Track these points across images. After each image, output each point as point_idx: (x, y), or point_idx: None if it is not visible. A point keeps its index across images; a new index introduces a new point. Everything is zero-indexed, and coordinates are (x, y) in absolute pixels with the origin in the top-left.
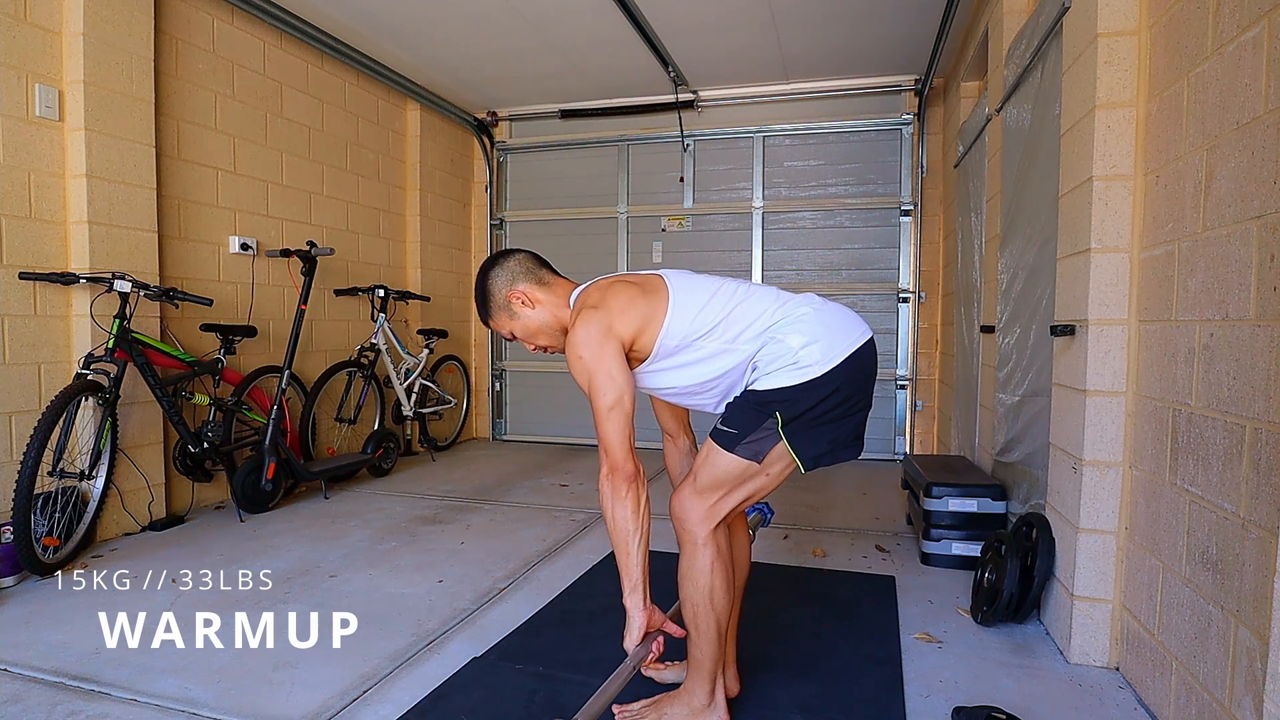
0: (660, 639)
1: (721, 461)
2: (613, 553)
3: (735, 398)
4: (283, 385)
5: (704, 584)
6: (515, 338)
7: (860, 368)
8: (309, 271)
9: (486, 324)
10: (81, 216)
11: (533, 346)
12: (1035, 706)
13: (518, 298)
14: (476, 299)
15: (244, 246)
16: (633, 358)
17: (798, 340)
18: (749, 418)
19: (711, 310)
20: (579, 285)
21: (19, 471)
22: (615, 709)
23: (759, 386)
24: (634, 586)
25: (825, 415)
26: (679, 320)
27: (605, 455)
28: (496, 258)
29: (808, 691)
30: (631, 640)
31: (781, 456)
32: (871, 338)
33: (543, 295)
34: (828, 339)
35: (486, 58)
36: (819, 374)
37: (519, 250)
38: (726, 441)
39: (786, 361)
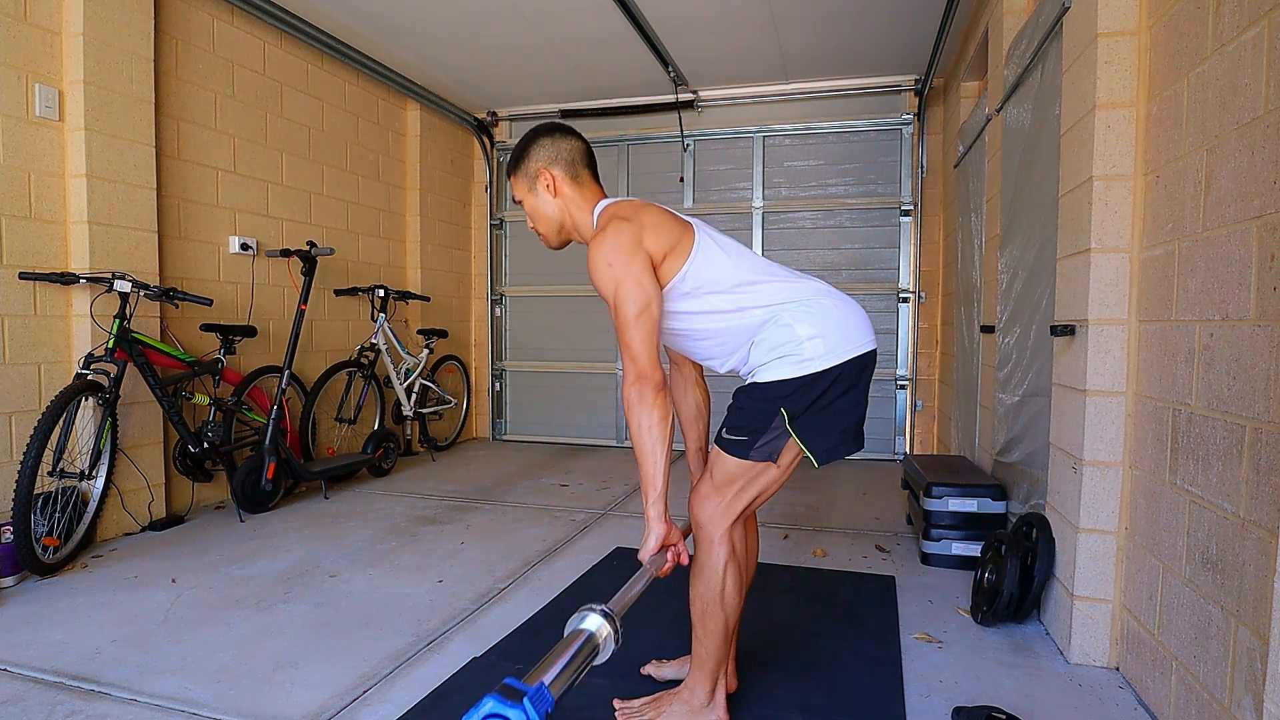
0: (677, 550)
1: (733, 462)
2: (614, 551)
3: (736, 398)
4: (283, 385)
5: (715, 582)
6: (522, 206)
7: (860, 369)
8: (309, 271)
9: (509, 178)
10: (81, 216)
11: (531, 224)
12: (1035, 706)
13: (546, 179)
14: (513, 153)
15: (244, 246)
16: None
17: (805, 330)
18: (755, 420)
19: (732, 270)
20: (609, 198)
21: (19, 471)
22: (616, 704)
23: (760, 379)
24: (657, 496)
25: (830, 406)
26: (699, 268)
27: (632, 364)
28: (555, 130)
29: (808, 691)
30: (648, 550)
31: (791, 449)
32: (875, 349)
33: (569, 191)
34: (835, 335)
35: (486, 58)
36: (820, 369)
37: (577, 136)
38: (737, 450)
39: (789, 351)
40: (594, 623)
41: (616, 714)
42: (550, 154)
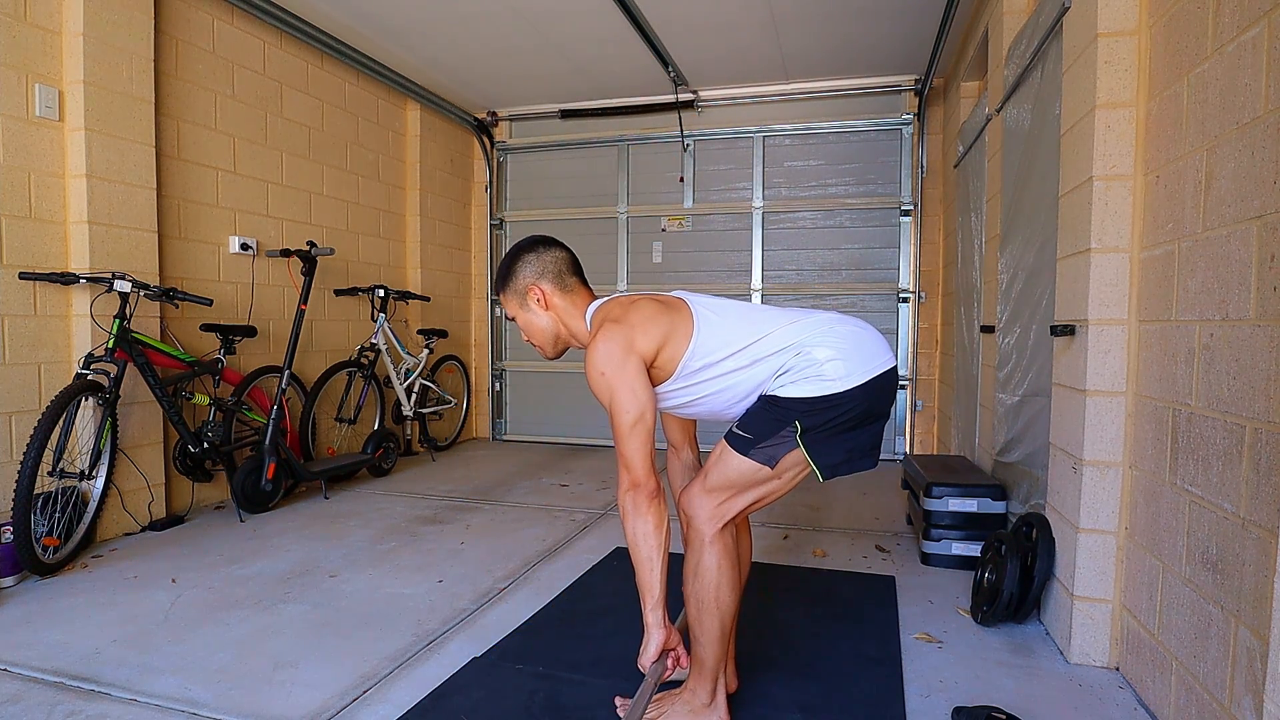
0: (676, 655)
1: (734, 462)
2: (614, 551)
3: (755, 401)
4: (283, 385)
5: (710, 582)
6: (516, 322)
7: (880, 389)
8: (309, 271)
9: (498, 296)
10: (81, 216)
11: (526, 338)
12: (1035, 706)
13: (535, 294)
14: (499, 272)
15: (244, 246)
16: (653, 376)
17: (824, 354)
18: (766, 424)
19: (735, 333)
20: (600, 298)
21: (19, 471)
22: (617, 702)
23: (779, 394)
24: (655, 603)
25: (843, 424)
26: (704, 342)
27: (626, 471)
28: (537, 244)
29: (808, 691)
30: (648, 657)
31: (797, 463)
32: (895, 366)
33: (560, 302)
34: (854, 358)
35: (486, 58)
36: (840, 389)
37: (560, 246)
38: (740, 445)
39: (811, 373)
40: None
41: (617, 710)
42: (536, 269)
